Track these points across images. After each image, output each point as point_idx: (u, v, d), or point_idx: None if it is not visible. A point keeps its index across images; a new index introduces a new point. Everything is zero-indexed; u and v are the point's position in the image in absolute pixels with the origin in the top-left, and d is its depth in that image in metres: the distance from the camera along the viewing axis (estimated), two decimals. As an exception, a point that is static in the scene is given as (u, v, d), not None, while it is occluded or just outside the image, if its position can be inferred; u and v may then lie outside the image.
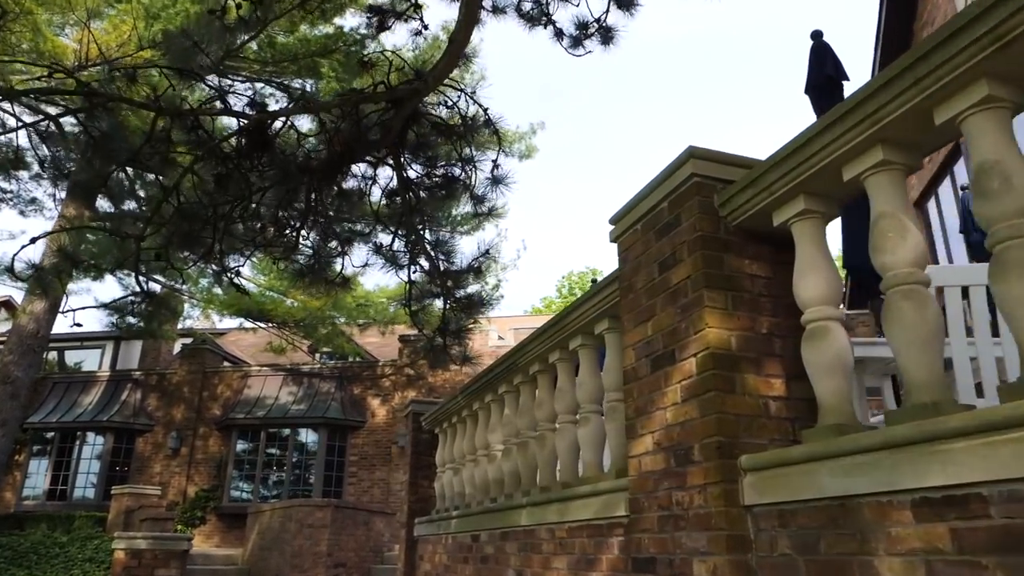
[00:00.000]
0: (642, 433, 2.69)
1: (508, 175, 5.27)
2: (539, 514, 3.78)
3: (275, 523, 10.41)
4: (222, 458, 15.83)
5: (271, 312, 12.48)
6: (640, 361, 2.77)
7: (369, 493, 14.81)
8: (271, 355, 17.65)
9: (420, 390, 15.25)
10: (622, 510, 2.92)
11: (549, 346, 4.08)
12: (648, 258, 2.80)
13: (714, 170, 2.58)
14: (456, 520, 5.37)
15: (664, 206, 2.73)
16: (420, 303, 6.28)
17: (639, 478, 2.67)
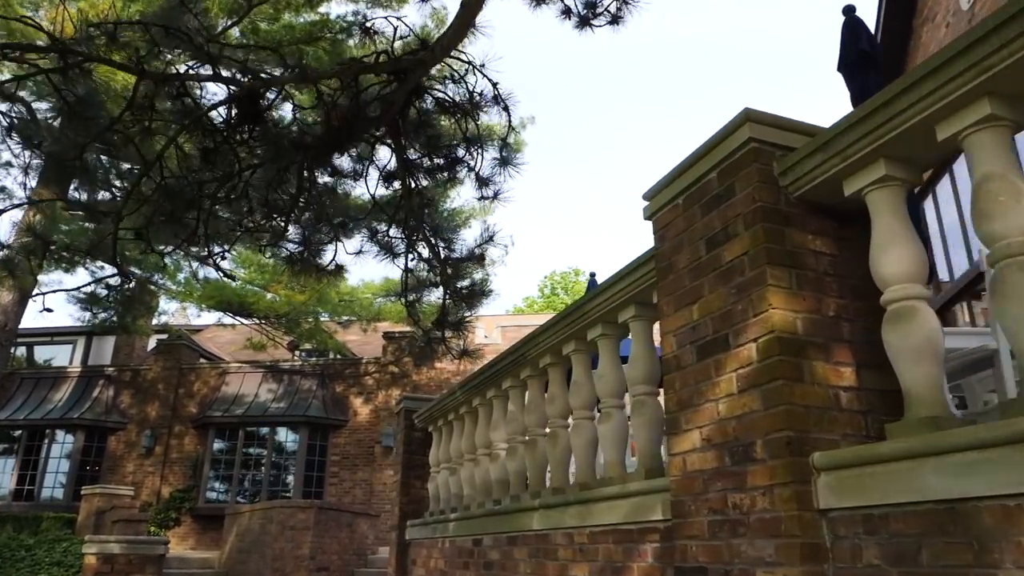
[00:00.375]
0: (687, 428, 2.42)
1: (518, 156, 4.96)
2: (555, 517, 3.50)
3: (255, 525, 10.01)
4: (198, 457, 15.34)
5: (253, 306, 12.04)
6: (684, 349, 2.50)
7: (351, 494, 14.41)
8: (250, 352, 17.18)
9: (405, 388, 14.89)
10: (658, 513, 2.65)
11: (563, 337, 3.80)
12: (693, 235, 2.54)
13: (773, 135, 2.32)
14: (455, 523, 5.07)
15: (713, 176, 2.46)
16: (416, 294, 5.97)
17: (684, 478, 2.40)
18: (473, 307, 5.72)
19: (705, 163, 2.49)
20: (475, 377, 5.05)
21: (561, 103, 59.43)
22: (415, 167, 5.17)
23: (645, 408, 3.09)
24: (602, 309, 3.40)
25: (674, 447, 2.48)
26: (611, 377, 3.43)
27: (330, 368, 15.74)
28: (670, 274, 2.65)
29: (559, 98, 54.17)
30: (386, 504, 14.07)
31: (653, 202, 2.80)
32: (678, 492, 2.42)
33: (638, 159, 63.30)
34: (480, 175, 5.20)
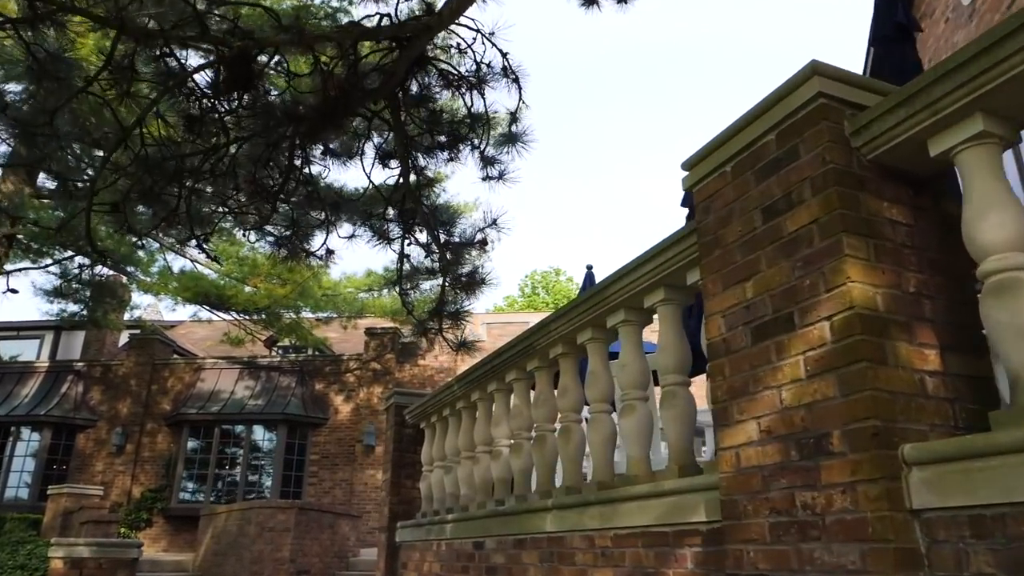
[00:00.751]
0: (741, 419, 2.16)
1: (527, 131, 4.66)
2: (571, 519, 3.23)
3: (232, 526, 9.61)
4: (171, 456, 14.82)
5: (231, 299, 11.60)
6: (735, 331, 2.24)
7: (331, 494, 14.01)
8: (226, 348, 16.69)
9: (387, 386, 14.52)
10: (700, 514, 2.39)
11: (578, 325, 3.54)
12: (745, 205, 2.28)
13: (843, 91, 2.07)
14: (452, 524, 4.78)
15: (771, 139, 2.21)
16: (412, 282, 5.65)
17: (737, 475, 2.15)
18: (472, 296, 5.43)
19: (761, 124, 2.24)
20: (475, 370, 4.77)
21: (546, 101, 59.31)
22: (414, 145, 4.85)
23: (676, 400, 2.84)
24: (625, 293, 3.14)
25: (724, 440, 2.22)
26: (635, 366, 3.18)
27: (310, 365, 15.32)
28: (716, 249, 2.39)
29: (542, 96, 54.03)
30: (367, 504, 13.71)
31: (694, 171, 2.55)
32: (730, 490, 2.17)
33: (618, 160, 63.37)
34: (485, 153, 4.89)
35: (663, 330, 2.98)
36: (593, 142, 63.97)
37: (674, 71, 62.97)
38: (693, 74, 62.74)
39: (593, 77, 62.62)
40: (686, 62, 62.97)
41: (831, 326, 1.90)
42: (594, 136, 63.79)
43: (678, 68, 63.01)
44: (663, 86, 62.70)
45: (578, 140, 63.82)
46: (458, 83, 4.47)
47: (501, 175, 4.97)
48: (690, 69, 62.78)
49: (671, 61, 62.90)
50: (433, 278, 5.58)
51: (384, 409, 6.67)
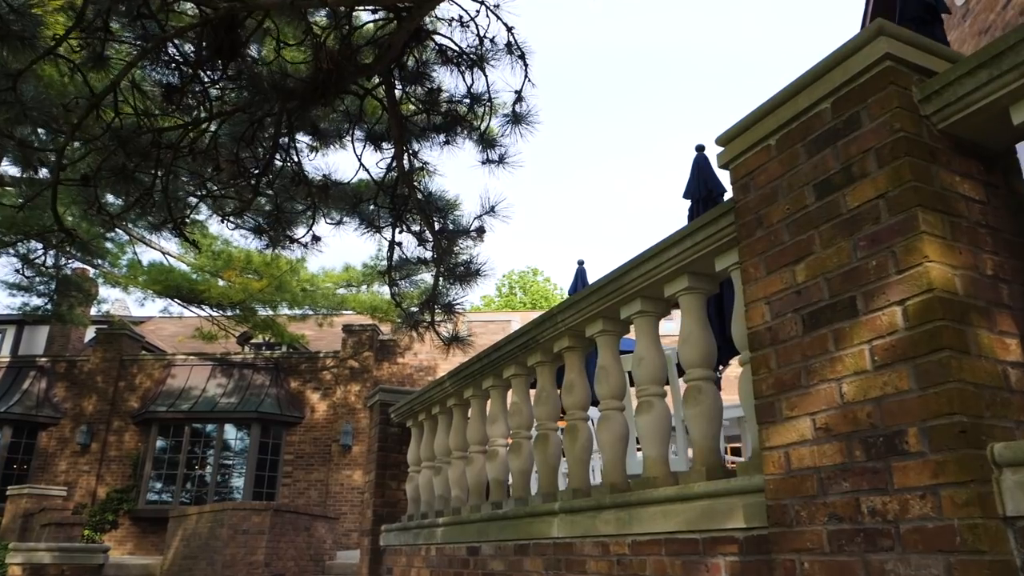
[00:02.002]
0: (791, 416, 1.96)
1: (532, 111, 4.41)
2: (582, 524, 3.00)
3: (203, 528, 9.23)
4: (139, 455, 14.31)
5: (204, 293, 11.16)
6: (783, 318, 2.04)
7: (305, 495, 13.63)
8: (198, 344, 16.21)
9: (365, 384, 14.19)
10: (737, 520, 2.18)
11: (588, 316, 3.32)
12: (794, 180, 2.08)
13: (912, 55, 1.88)
14: (443, 528, 4.53)
15: (825, 107, 2.01)
16: (402, 271, 5.38)
17: (787, 477, 1.94)
18: (467, 288, 5.19)
19: (813, 92, 2.04)
20: (469, 365, 4.53)
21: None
22: (409, 127, 4.58)
23: (703, 396, 2.63)
24: (644, 282, 2.93)
25: (771, 439, 2.01)
26: (652, 360, 2.97)
27: (285, 362, 14.92)
28: (758, 230, 2.19)
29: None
30: (343, 506, 13.37)
31: (732, 146, 2.34)
32: (778, 494, 1.96)
33: (596, 162, 63.45)
34: (485, 135, 4.64)
35: (686, 321, 2.77)
36: (570, 144, 64.01)
37: (652, 74, 63.24)
38: (672, 78, 63.06)
39: (570, 79, 62.68)
40: (665, 66, 63.27)
41: (904, 311, 1.70)
42: (571, 138, 63.83)
43: (656, 71, 63.28)
44: (640, 89, 62.95)
45: (555, 141, 63.78)
46: (458, 60, 4.22)
47: (501, 159, 4.71)
48: (669, 73, 63.10)
49: (649, 64, 63.15)
50: (425, 268, 5.32)
51: (368, 407, 6.38)
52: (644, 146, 62.67)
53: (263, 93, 3.55)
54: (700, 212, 5.02)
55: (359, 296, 13.01)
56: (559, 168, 63.70)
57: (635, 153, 62.66)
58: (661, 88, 62.90)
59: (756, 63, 61.85)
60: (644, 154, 62.37)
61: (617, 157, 62.41)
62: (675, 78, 63.06)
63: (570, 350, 3.56)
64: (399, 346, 14.67)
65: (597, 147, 63.61)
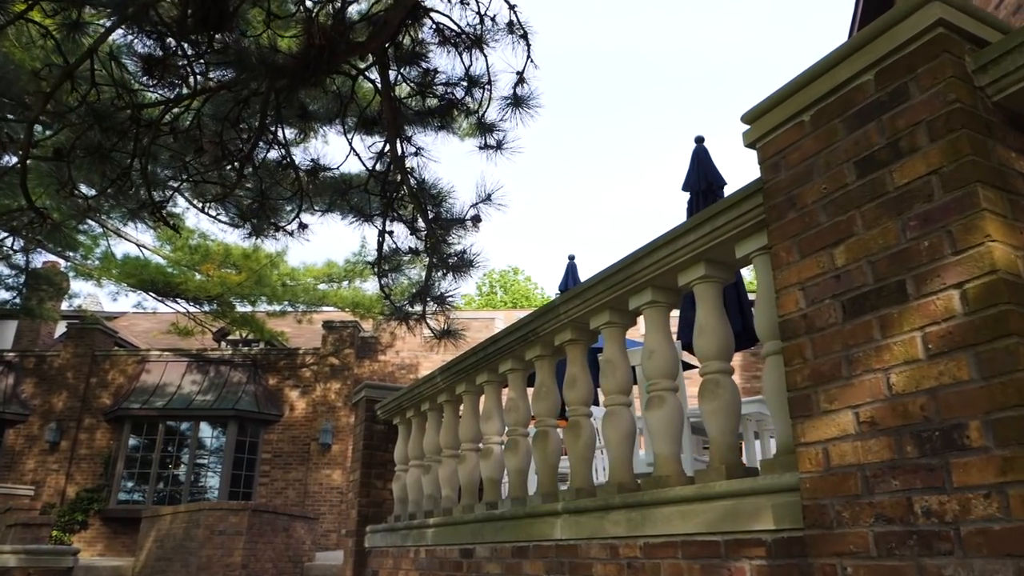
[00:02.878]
0: (830, 409, 1.82)
1: (534, 94, 4.23)
2: (589, 525, 2.85)
3: (177, 529, 8.94)
4: (110, 454, 13.91)
5: (180, 286, 10.83)
6: (820, 305, 1.90)
7: (283, 495, 13.33)
8: (173, 339, 15.82)
9: (346, 382, 13.92)
10: (766, 521, 2.04)
11: (594, 307, 3.17)
12: (832, 157, 1.95)
13: (965, 23, 1.75)
14: (434, 529, 4.36)
15: (868, 79, 1.88)
16: (391, 262, 5.18)
17: (826, 475, 1.80)
18: (460, 279, 5.01)
19: (854, 63, 1.91)
20: (462, 360, 4.36)
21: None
22: (403, 111, 4.39)
23: (720, 389, 2.49)
24: (656, 270, 2.79)
25: (807, 434, 1.87)
26: (664, 353, 2.83)
27: (263, 359, 14.59)
28: (790, 211, 2.05)
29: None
30: (322, 506, 13.11)
31: (760, 124, 2.20)
32: (816, 494, 1.82)
33: (575, 163, 63.51)
34: (484, 120, 4.45)
35: (703, 312, 2.63)
36: (549, 144, 63.96)
37: (630, 77, 63.42)
38: (651, 80, 63.31)
39: (545, 80, 62.61)
40: (643, 69, 63.50)
41: (963, 295, 1.57)
42: (552, 138, 63.79)
43: (634, 74, 63.48)
44: (618, 91, 63.12)
45: (533, 141, 63.72)
46: (456, 40, 4.04)
47: (499, 144, 4.53)
48: (647, 76, 63.34)
49: (627, 67, 63.32)
50: (416, 259, 5.13)
51: (353, 404, 6.19)
52: (623, 148, 62.83)
53: (250, 70, 3.35)
54: (700, 204, 4.90)
55: (340, 292, 12.76)
56: (538, 168, 63.63)
57: (614, 155, 62.82)
58: (639, 91, 63.12)
59: (733, 69, 62.31)
60: (623, 156, 62.55)
61: (597, 158, 62.50)
62: (653, 81, 63.31)
63: (573, 343, 3.41)
64: (380, 343, 14.44)
65: (576, 148, 63.65)
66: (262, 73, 3.35)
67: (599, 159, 62.34)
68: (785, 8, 58.24)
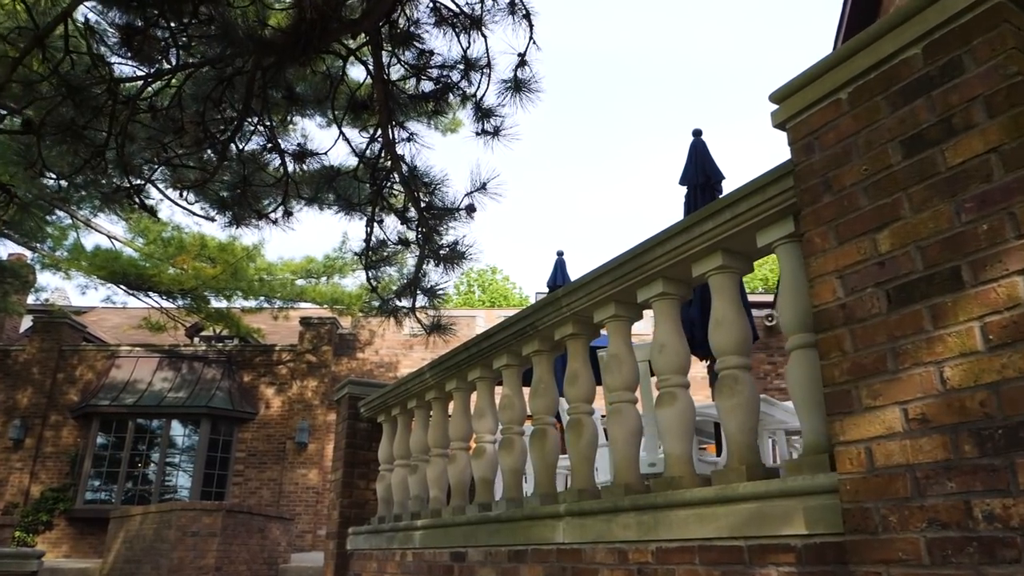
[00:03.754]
0: (874, 405, 1.70)
1: (535, 77, 4.06)
2: (594, 528, 2.71)
3: (148, 530, 8.64)
4: (78, 452, 13.49)
5: (153, 279, 10.49)
6: (861, 294, 1.78)
7: (257, 495, 13.02)
8: (143, 336, 15.40)
9: (323, 379, 13.65)
10: (797, 526, 1.92)
11: (599, 299, 3.03)
12: (874, 136, 1.82)
13: (1022, -10, 1.63)
14: (422, 532, 4.19)
15: (915, 53, 1.76)
16: (379, 254, 4.98)
17: (869, 476, 1.68)
18: (452, 271, 4.83)
19: (899, 37, 1.79)
20: (453, 355, 4.20)
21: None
22: (395, 95, 4.20)
23: (739, 386, 2.36)
24: (668, 260, 2.65)
25: (847, 432, 1.75)
26: (675, 348, 2.69)
27: (238, 355, 14.25)
28: (825, 195, 1.93)
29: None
30: (297, 506, 12.83)
31: (790, 103, 2.07)
32: (857, 496, 1.69)
33: (551, 164, 63.50)
34: (481, 105, 4.28)
35: (719, 304, 2.50)
36: (527, 144, 63.88)
37: (611, 79, 63.61)
38: (633, 84, 63.52)
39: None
40: (627, 72, 63.69)
41: (1031, 282, 1.45)
42: (529, 138, 63.71)
43: (615, 77, 63.67)
44: (599, 94, 63.25)
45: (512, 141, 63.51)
46: (454, 20, 3.87)
47: (497, 131, 4.35)
48: (628, 78, 63.55)
49: (607, 70, 63.50)
50: (405, 250, 4.94)
51: (335, 401, 5.99)
52: (603, 151, 62.96)
53: (237, 45, 3.15)
54: (698, 198, 4.79)
55: (319, 287, 12.49)
56: (515, 167, 63.56)
57: (594, 157, 62.93)
58: (620, 93, 63.32)
59: (716, 74, 62.78)
60: (603, 159, 62.69)
61: (576, 160, 62.55)
62: (635, 84, 63.53)
63: (574, 337, 3.27)
64: (359, 341, 14.19)
65: (554, 149, 63.65)
66: (249, 49, 3.16)
67: (578, 161, 62.39)
68: (771, 14, 58.82)
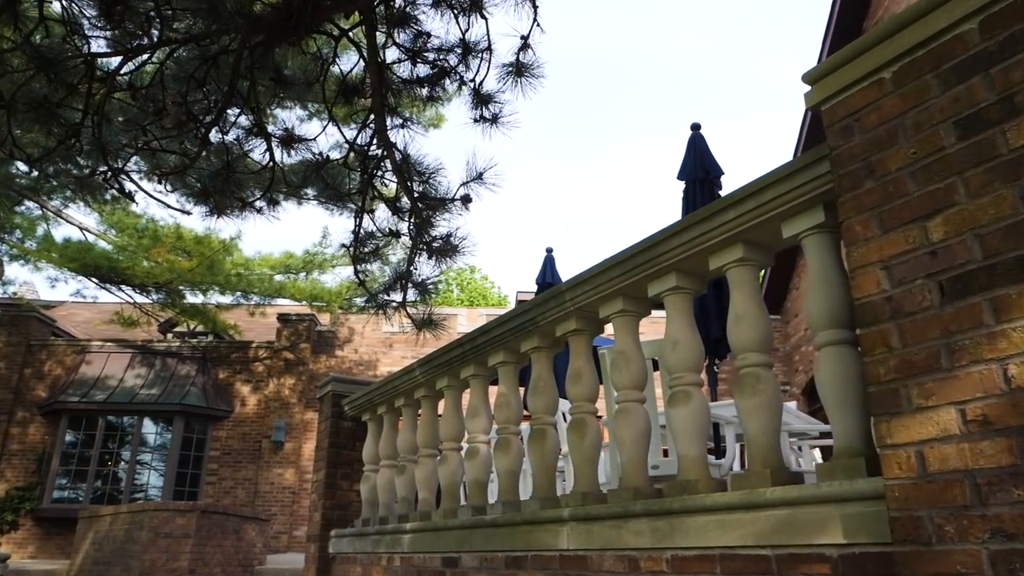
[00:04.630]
0: (926, 405, 1.57)
1: (538, 62, 3.90)
2: (601, 534, 2.57)
3: (118, 531, 8.35)
4: (45, 450, 13.06)
5: (127, 271, 10.15)
6: (911, 285, 1.65)
7: (232, 494, 12.71)
8: (115, 331, 14.98)
9: (301, 377, 13.37)
10: (834, 534, 1.79)
11: (605, 294, 2.89)
12: (924, 117, 1.70)
13: (1092, -41, 1.52)
14: (412, 535, 4.02)
15: (971, 28, 1.64)
16: (367, 246, 4.79)
17: (921, 482, 1.55)
18: (445, 264, 4.65)
19: (952, 10, 1.66)
20: (446, 352, 4.03)
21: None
22: (389, 79, 4.02)
23: (761, 385, 2.23)
24: (683, 252, 2.52)
25: (894, 434, 1.62)
26: (689, 344, 2.56)
27: (213, 352, 13.91)
28: (867, 180, 1.80)
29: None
30: (273, 506, 12.55)
31: (827, 83, 1.95)
32: (908, 503, 1.57)
33: (525, 164, 63.44)
34: (480, 91, 4.10)
35: (739, 299, 2.37)
36: (509, 143, 63.74)
37: (595, 81, 63.71)
38: (613, 87, 63.69)
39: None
40: (607, 75, 63.86)
41: (1110, 272, 1.33)
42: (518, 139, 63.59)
43: (596, 80, 63.80)
44: (584, 95, 63.33)
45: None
46: (452, 1, 3.71)
47: (495, 118, 4.19)
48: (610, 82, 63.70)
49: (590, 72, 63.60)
50: (396, 242, 4.75)
51: (318, 398, 5.79)
52: (583, 151, 63.05)
53: (224, 19, 2.96)
54: (698, 193, 4.68)
55: (298, 283, 12.22)
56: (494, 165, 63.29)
57: (573, 158, 62.99)
58: (601, 96, 63.44)
59: (693, 78, 63.19)
60: (582, 160, 62.76)
61: (555, 160, 62.55)
62: (615, 86, 63.71)
63: (577, 333, 3.12)
64: (338, 338, 13.93)
65: (532, 149, 63.59)
66: (237, 25, 2.97)
67: (556, 160, 62.40)
68: (758, 15, 59.31)
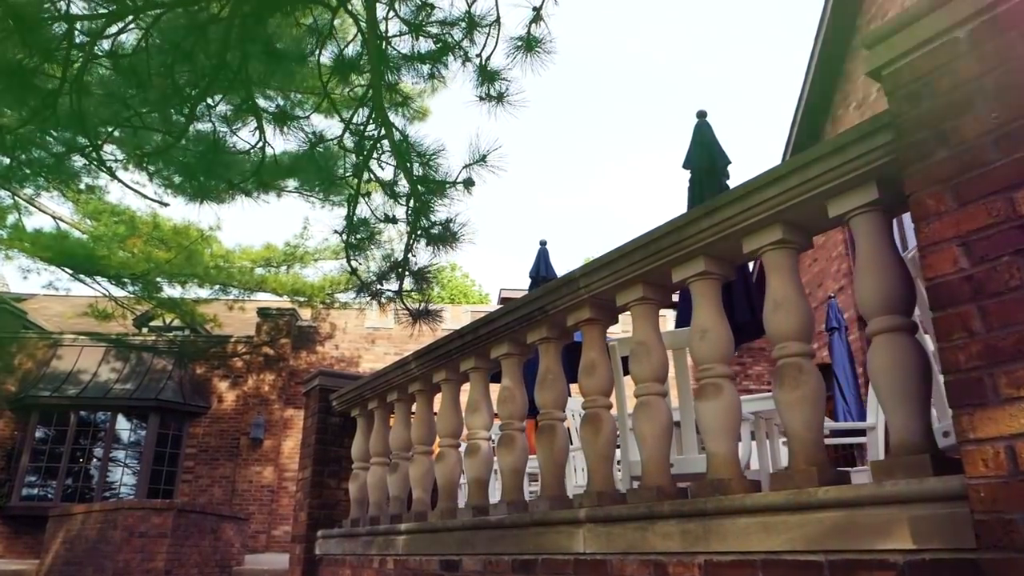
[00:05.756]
0: (1016, 396, 1.41)
1: (549, 36, 3.69)
2: (624, 536, 2.38)
3: (90, 530, 8.02)
4: (14, 446, 12.62)
5: (102, 262, 9.80)
6: (994, 263, 1.49)
7: (208, 492, 12.37)
8: (88, 324, 14.54)
9: (281, 373, 13.06)
10: (902, 538, 1.62)
11: (623, 280, 2.71)
12: (1007, 79, 1.54)
13: None
14: (407, 537, 3.81)
15: (1065, -22, 1.47)
16: (361, 232, 4.56)
17: (1012, 481, 1.39)
18: (443, 252, 4.43)
19: (1042, -41, 1.50)
20: (444, 344, 3.83)
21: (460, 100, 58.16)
22: (389, 51, 3.81)
23: (804, 377, 2.07)
24: (714, 235, 2.35)
25: (978, 428, 1.45)
26: (719, 334, 2.39)
27: (191, 346, 13.55)
28: (940, 149, 1.63)
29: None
30: (251, 505, 12.25)
31: (890, 44, 1.78)
32: (996, 505, 1.40)
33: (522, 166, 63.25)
34: (486, 67, 3.88)
35: (777, 284, 2.20)
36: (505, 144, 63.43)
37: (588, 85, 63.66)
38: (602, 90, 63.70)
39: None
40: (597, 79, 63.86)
41: None
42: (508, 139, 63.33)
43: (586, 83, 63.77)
44: (580, 100, 63.25)
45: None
46: (454, -32, 3.52)
47: (501, 96, 3.97)
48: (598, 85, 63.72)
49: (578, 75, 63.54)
50: (393, 226, 4.54)
51: (304, 393, 5.56)
52: (565, 152, 63.01)
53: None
54: (704, 183, 4.52)
55: (279, 277, 11.91)
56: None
57: (557, 160, 62.93)
58: (594, 99, 63.43)
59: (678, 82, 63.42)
60: (565, 162, 62.73)
61: (537, 161, 62.42)
62: (603, 90, 63.74)
63: (591, 323, 2.94)
64: (319, 334, 13.64)
65: (513, 146, 63.36)
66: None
67: (538, 159, 62.27)
68: (748, 22, 59.61)
